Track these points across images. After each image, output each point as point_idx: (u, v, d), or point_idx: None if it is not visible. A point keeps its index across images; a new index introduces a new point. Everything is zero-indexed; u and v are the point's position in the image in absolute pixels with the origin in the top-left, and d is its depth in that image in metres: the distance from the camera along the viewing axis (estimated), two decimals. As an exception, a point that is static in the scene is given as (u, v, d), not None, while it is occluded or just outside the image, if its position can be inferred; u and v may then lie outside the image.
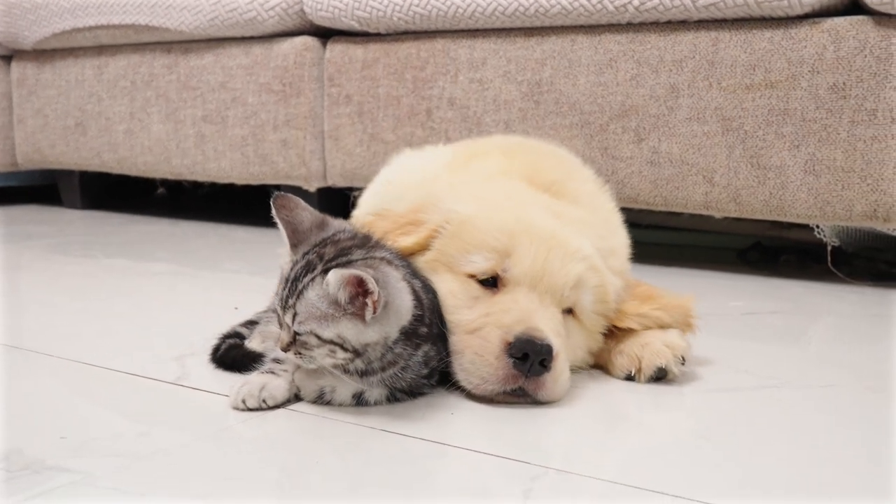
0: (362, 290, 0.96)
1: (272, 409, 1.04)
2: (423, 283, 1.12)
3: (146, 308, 1.64)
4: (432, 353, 1.08)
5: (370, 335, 0.99)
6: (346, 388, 1.05)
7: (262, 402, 1.04)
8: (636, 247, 1.42)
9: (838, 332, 1.58)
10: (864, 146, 1.84)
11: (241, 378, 1.07)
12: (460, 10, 2.19)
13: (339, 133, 2.50)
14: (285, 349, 1.01)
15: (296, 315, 0.99)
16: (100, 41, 2.88)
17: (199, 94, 2.72)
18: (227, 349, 1.22)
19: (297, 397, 1.07)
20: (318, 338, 0.98)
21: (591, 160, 2.01)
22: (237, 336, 1.25)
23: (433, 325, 1.09)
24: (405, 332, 1.03)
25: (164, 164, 2.84)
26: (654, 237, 2.56)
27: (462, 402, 1.10)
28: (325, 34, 2.54)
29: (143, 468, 0.88)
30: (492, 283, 1.15)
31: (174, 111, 2.78)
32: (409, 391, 1.08)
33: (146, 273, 2.01)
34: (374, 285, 0.95)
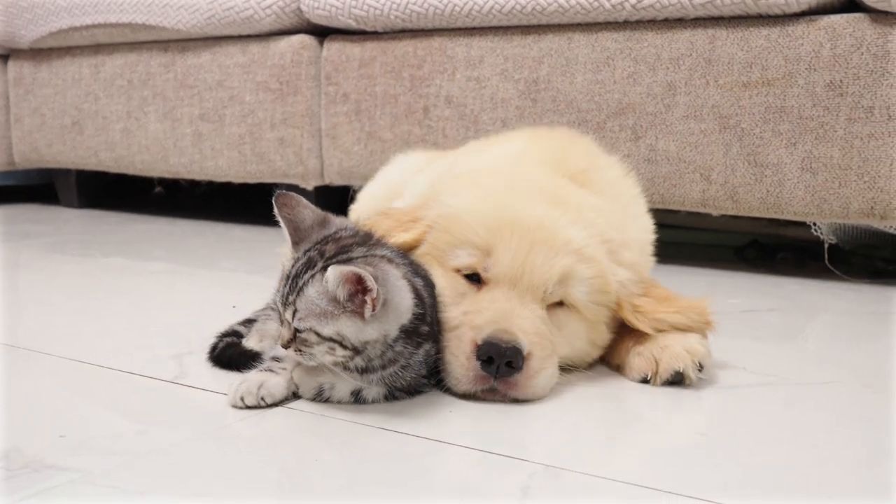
0: (361, 287, 0.96)
1: (270, 406, 1.04)
2: (426, 281, 1.12)
3: (144, 307, 1.64)
4: (433, 351, 1.09)
5: (369, 333, 0.99)
6: (344, 385, 1.05)
7: (261, 399, 1.04)
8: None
9: (836, 329, 1.58)
10: (861, 143, 1.84)
11: (240, 376, 1.07)
12: (457, 9, 2.19)
13: (337, 131, 2.50)
14: (286, 346, 1.01)
15: (296, 312, 0.99)
16: (96, 40, 2.88)
17: (196, 93, 2.72)
18: (224, 348, 1.22)
19: (295, 395, 1.07)
20: (318, 335, 0.98)
21: (589, 158, 2.01)
22: (235, 335, 1.25)
23: (434, 323, 1.09)
24: (406, 331, 1.03)
25: (162, 162, 2.84)
26: (652, 235, 2.56)
27: (459, 399, 1.10)
28: (322, 32, 2.53)
29: (142, 466, 0.88)
30: (477, 279, 1.16)
31: (171, 110, 2.78)
32: (408, 390, 1.08)
33: (144, 272, 2.01)
34: (373, 283, 0.95)
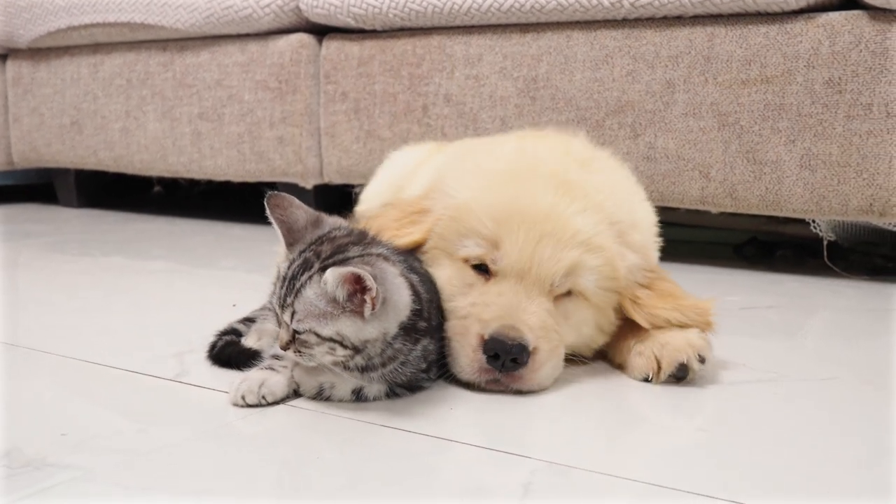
0: (360, 287, 0.96)
1: (271, 405, 1.05)
2: (421, 277, 1.12)
3: (144, 306, 1.64)
4: (431, 346, 1.09)
5: (369, 332, 0.99)
6: (345, 384, 1.05)
7: (262, 398, 1.04)
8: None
9: (835, 326, 1.58)
10: (860, 141, 1.84)
11: (241, 374, 1.07)
12: (456, 7, 2.19)
13: (336, 130, 2.50)
14: (284, 347, 1.01)
15: (294, 313, 0.99)
16: (95, 39, 2.88)
17: (195, 92, 2.72)
18: (224, 346, 1.22)
19: (296, 393, 1.08)
20: (318, 336, 0.99)
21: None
22: (234, 333, 1.25)
23: (431, 318, 1.09)
24: (404, 328, 1.03)
25: (161, 162, 2.84)
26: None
27: (461, 397, 1.10)
28: (321, 31, 2.53)
29: (144, 465, 0.88)
30: (485, 269, 1.17)
31: (170, 109, 2.78)
32: (409, 386, 1.08)
33: (143, 271, 2.01)
34: (372, 282, 0.95)
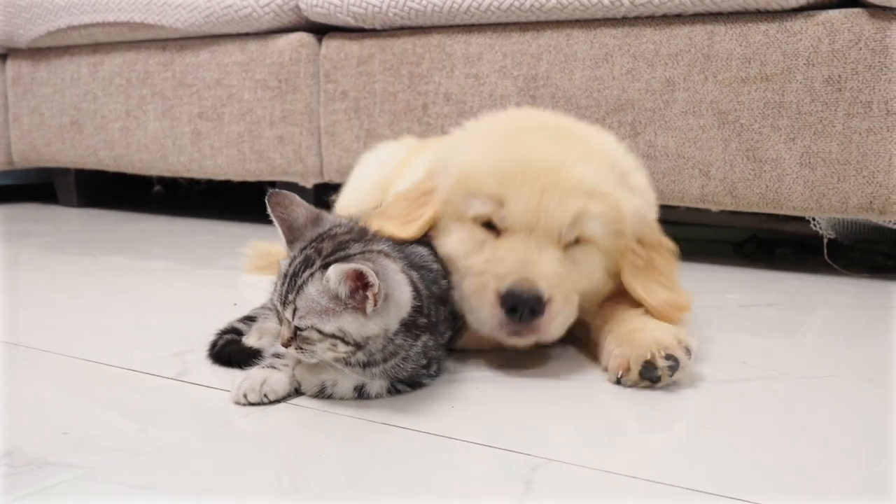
0: (362, 283, 0.97)
1: (273, 403, 1.05)
2: (421, 274, 1.12)
3: (144, 305, 1.64)
4: (431, 343, 1.09)
5: (371, 328, 1.00)
6: (347, 381, 1.05)
7: (264, 396, 1.04)
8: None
9: (835, 324, 1.58)
10: (860, 138, 1.84)
11: (242, 373, 1.07)
12: (455, 5, 2.19)
13: (336, 129, 2.50)
14: (286, 345, 1.02)
15: (296, 310, 0.99)
16: (95, 39, 2.88)
17: (194, 92, 2.72)
18: (224, 345, 1.22)
19: (297, 391, 1.08)
20: (320, 332, 0.99)
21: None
22: (235, 332, 1.25)
23: (431, 315, 1.10)
24: (405, 324, 1.03)
25: (161, 161, 2.84)
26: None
27: (462, 394, 1.10)
28: (321, 30, 2.53)
29: (146, 463, 0.88)
30: (495, 227, 1.20)
31: (170, 108, 2.78)
32: (410, 382, 1.08)
33: (143, 270, 2.01)
34: (375, 278, 0.95)
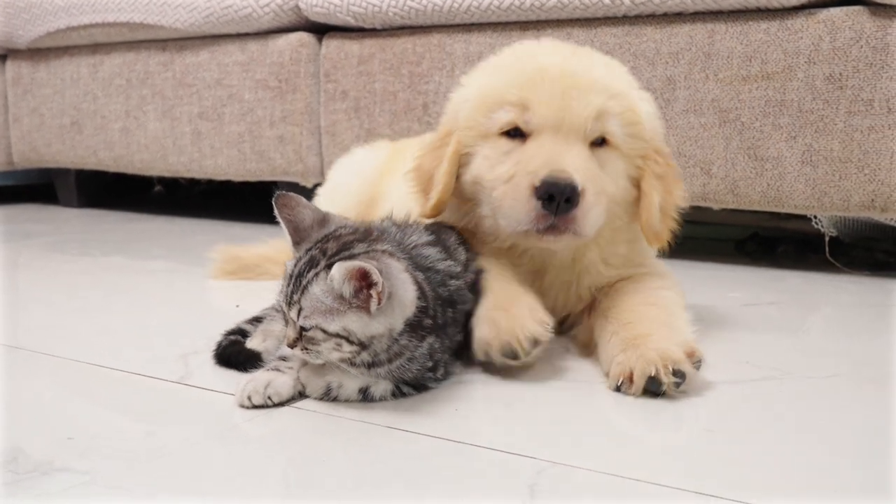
0: (366, 282, 0.97)
1: (277, 406, 1.05)
2: (427, 275, 1.12)
3: (145, 306, 1.64)
4: (437, 345, 1.09)
5: (376, 327, 1.00)
6: (352, 383, 1.05)
7: (268, 399, 1.04)
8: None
9: (837, 322, 1.58)
10: (861, 136, 1.84)
11: (247, 376, 1.07)
12: (456, 5, 2.19)
13: (336, 129, 2.50)
14: (292, 345, 1.02)
15: (301, 310, 0.99)
16: (95, 39, 2.87)
17: (194, 92, 2.72)
18: (227, 346, 1.22)
19: (302, 394, 1.07)
20: (325, 332, 0.99)
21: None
22: (240, 333, 1.25)
23: (437, 316, 1.09)
24: (410, 324, 1.03)
25: (161, 161, 2.83)
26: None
27: (466, 397, 1.10)
28: (321, 30, 2.53)
29: (151, 467, 0.88)
30: (520, 135, 1.22)
31: (170, 109, 2.78)
32: (415, 384, 1.08)
33: (143, 271, 2.01)
34: (378, 276, 0.95)
